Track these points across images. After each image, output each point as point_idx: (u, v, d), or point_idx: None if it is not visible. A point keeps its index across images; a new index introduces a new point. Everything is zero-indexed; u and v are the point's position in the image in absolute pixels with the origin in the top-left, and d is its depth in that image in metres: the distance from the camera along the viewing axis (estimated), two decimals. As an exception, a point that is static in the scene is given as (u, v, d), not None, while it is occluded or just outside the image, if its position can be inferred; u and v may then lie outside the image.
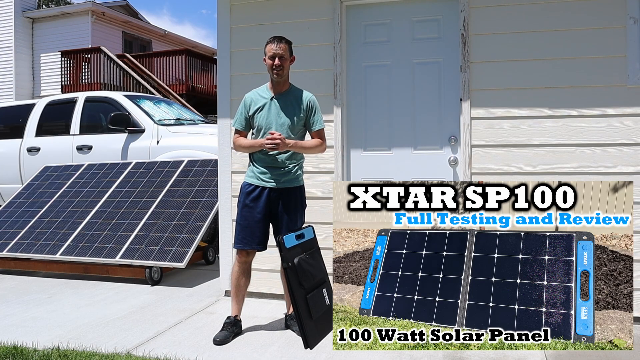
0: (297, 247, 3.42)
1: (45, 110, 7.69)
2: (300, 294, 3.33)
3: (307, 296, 3.35)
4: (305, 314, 3.33)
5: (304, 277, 3.34)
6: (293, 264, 3.32)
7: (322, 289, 3.50)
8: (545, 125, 3.74)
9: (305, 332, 3.28)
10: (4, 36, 16.99)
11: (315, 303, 3.39)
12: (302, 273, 3.33)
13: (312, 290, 3.41)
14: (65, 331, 3.64)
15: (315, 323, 3.38)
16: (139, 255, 4.94)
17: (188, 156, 6.37)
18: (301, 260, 3.36)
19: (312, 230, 3.57)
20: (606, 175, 3.65)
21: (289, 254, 3.34)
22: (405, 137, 4.09)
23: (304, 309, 3.32)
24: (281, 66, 3.34)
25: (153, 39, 19.75)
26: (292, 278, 3.32)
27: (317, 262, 3.48)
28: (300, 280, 3.32)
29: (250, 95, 3.49)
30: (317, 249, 3.54)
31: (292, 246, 3.39)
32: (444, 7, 3.98)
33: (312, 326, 3.34)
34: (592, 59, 3.67)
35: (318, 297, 3.44)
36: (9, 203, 6.41)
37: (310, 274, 3.39)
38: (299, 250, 3.42)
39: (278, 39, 3.37)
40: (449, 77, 3.98)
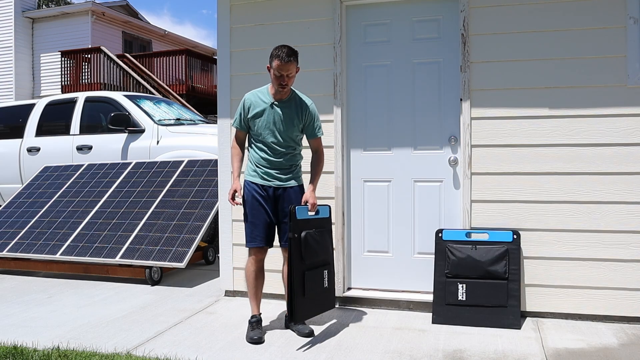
0: (308, 221, 3.40)
1: (45, 110, 7.69)
2: (298, 268, 3.30)
3: (305, 272, 3.33)
4: (299, 289, 3.30)
5: (308, 252, 3.33)
6: (299, 236, 3.30)
7: (324, 269, 3.49)
8: (545, 125, 3.74)
9: (294, 306, 3.25)
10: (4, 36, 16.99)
11: (312, 281, 3.38)
12: (306, 247, 3.31)
13: (312, 268, 3.39)
14: (65, 331, 3.64)
15: (307, 301, 3.36)
16: (139, 255, 4.95)
17: (188, 156, 6.37)
18: (308, 235, 3.34)
19: (328, 209, 3.58)
20: (606, 175, 3.65)
21: (297, 225, 3.31)
22: (405, 137, 4.09)
23: (299, 283, 3.30)
24: (287, 84, 3.36)
25: (153, 39, 19.75)
26: (295, 250, 3.29)
27: (324, 242, 3.49)
28: (302, 254, 3.31)
29: (250, 98, 3.48)
30: (328, 229, 3.55)
31: (304, 219, 3.37)
32: (444, 7, 3.98)
33: (302, 302, 3.32)
34: (592, 59, 3.67)
35: (317, 276, 3.43)
36: (9, 203, 6.41)
37: (314, 250, 3.37)
38: (309, 225, 3.41)
39: (286, 54, 3.27)
40: (449, 77, 3.98)
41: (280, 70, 3.31)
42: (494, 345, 3.25)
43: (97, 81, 15.15)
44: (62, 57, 15.91)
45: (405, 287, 4.10)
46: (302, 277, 3.33)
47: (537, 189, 3.76)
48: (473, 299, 3.67)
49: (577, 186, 3.70)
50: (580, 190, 3.69)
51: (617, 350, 3.16)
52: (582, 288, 3.69)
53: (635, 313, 3.62)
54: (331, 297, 3.60)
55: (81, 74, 15.58)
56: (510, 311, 3.59)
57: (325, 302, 3.55)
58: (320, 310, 3.51)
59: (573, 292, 3.70)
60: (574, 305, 3.70)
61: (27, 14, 17.16)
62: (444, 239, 3.85)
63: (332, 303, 3.61)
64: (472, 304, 3.66)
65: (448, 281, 3.75)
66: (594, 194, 3.67)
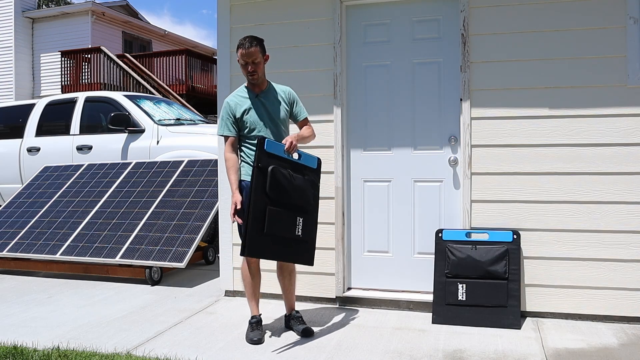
0: (282, 159, 3.23)
1: (45, 110, 7.69)
2: (260, 200, 3.09)
3: (268, 207, 3.13)
4: (257, 224, 3.09)
5: (274, 187, 3.15)
6: (265, 168, 3.10)
7: (298, 216, 3.27)
8: (545, 125, 3.74)
9: (248, 240, 3.06)
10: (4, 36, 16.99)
11: (276, 220, 3.16)
12: (273, 182, 3.14)
13: (280, 206, 3.19)
14: (65, 331, 3.64)
15: (266, 239, 3.15)
16: (139, 255, 4.95)
17: (188, 156, 6.37)
18: (277, 170, 3.17)
19: (316, 161, 3.42)
20: (606, 175, 3.65)
21: (264, 157, 3.13)
22: (405, 137, 4.09)
23: (258, 219, 3.09)
24: (255, 71, 3.35)
25: (153, 39, 19.75)
26: (258, 181, 3.09)
27: (302, 188, 3.29)
28: (267, 187, 3.12)
29: (233, 100, 3.45)
30: (311, 180, 3.35)
31: (276, 155, 3.19)
32: (444, 7, 3.98)
33: (258, 239, 3.11)
34: (592, 59, 3.67)
35: (285, 218, 3.21)
36: (9, 203, 6.41)
37: (284, 189, 3.19)
38: (283, 164, 3.24)
39: (248, 42, 3.32)
40: (449, 77, 3.98)
41: (243, 57, 3.33)
42: (494, 345, 3.25)
43: (97, 81, 15.15)
44: (62, 57, 15.91)
45: (405, 287, 4.10)
46: (262, 213, 3.08)
47: (537, 189, 3.76)
48: (473, 299, 3.67)
49: (577, 186, 3.70)
50: (580, 190, 3.69)
51: (617, 350, 3.16)
52: (582, 288, 3.69)
53: (635, 313, 3.62)
54: (307, 250, 3.34)
55: (81, 74, 15.58)
56: (510, 311, 3.59)
57: (297, 252, 3.29)
58: (287, 257, 3.26)
59: (573, 292, 3.70)
60: (574, 305, 3.70)
61: (27, 14, 17.16)
62: (444, 239, 3.85)
63: (308, 258, 3.35)
64: (472, 304, 3.66)
65: (448, 281, 3.75)
66: (594, 194, 3.67)
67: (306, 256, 3.36)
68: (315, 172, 3.44)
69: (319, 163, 3.47)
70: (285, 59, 4.23)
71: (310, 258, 3.39)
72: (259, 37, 3.41)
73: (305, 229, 3.33)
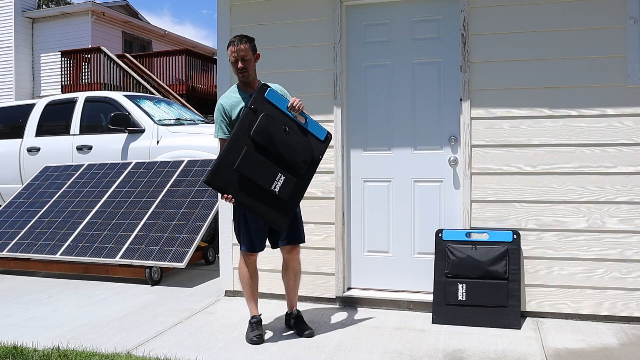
0: (282, 114, 3.17)
1: (45, 110, 7.69)
2: (241, 139, 3.06)
3: (246, 148, 3.09)
4: (230, 157, 3.05)
5: (260, 133, 3.11)
6: (257, 111, 3.06)
7: (280, 172, 3.15)
8: (545, 125, 3.74)
9: (215, 168, 3.02)
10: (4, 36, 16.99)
11: (251, 163, 3.09)
12: (260, 127, 3.10)
13: (262, 154, 3.12)
14: (65, 331, 3.64)
15: (234, 176, 3.09)
16: (139, 255, 4.95)
17: (188, 156, 6.37)
18: (270, 119, 3.12)
19: (326, 133, 3.26)
20: (606, 175, 3.65)
21: (261, 102, 3.09)
22: (405, 137, 4.09)
23: (232, 153, 3.04)
24: (245, 68, 3.32)
25: (153, 39, 19.75)
26: (245, 121, 3.06)
27: (295, 148, 3.18)
28: (252, 128, 3.09)
29: (226, 101, 3.40)
30: (311, 148, 3.24)
31: (275, 105, 3.14)
32: (444, 7, 3.98)
33: (224, 172, 3.05)
34: (592, 59, 3.67)
35: (262, 167, 3.12)
36: (9, 203, 6.41)
37: (271, 139, 3.13)
38: (282, 119, 3.17)
39: (238, 39, 3.32)
40: (449, 77, 3.98)
41: (233, 54, 3.31)
42: (494, 345, 3.25)
43: (97, 81, 15.15)
44: (62, 57, 15.90)
45: (405, 287, 4.10)
46: (239, 151, 3.04)
47: (537, 189, 3.76)
48: (473, 299, 3.67)
49: (577, 186, 3.70)
50: (580, 190, 3.69)
51: (617, 350, 3.16)
52: (582, 288, 3.69)
53: (635, 313, 3.62)
54: (283, 213, 3.18)
55: (81, 74, 15.57)
56: (510, 311, 3.59)
57: (270, 209, 3.16)
58: (256, 208, 3.14)
59: (573, 292, 3.70)
60: (574, 305, 3.70)
61: (27, 14, 17.16)
62: (444, 239, 3.85)
63: (281, 222, 3.19)
64: (472, 304, 3.66)
65: (448, 281, 3.75)
66: (594, 194, 3.67)
67: (280, 219, 3.18)
68: (320, 144, 3.27)
69: (328, 137, 3.29)
70: (285, 59, 4.23)
71: (283, 223, 3.20)
72: (249, 36, 3.39)
73: (285, 189, 3.16)
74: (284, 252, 3.48)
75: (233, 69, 3.37)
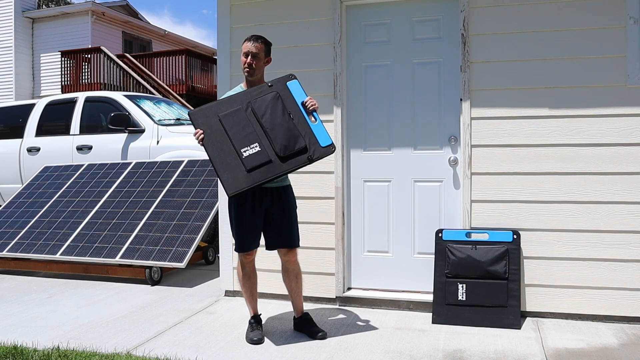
0: (294, 102, 3.19)
1: (45, 110, 7.69)
2: (243, 96, 3.15)
3: (240, 107, 3.15)
4: (223, 105, 3.14)
5: (262, 102, 3.16)
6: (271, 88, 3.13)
7: (258, 143, 3.09)
8: (545, 125, 3.74)
9: (205, 105, 3.13)
10: (4, 36, 16.99)
11: (236, 118, 3.12)
12: (264, 99, 3.16)
13: (252, 116, 3.12)
14: (65, 331, 3.64)
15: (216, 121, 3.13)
16: (139, 255, 4.95)
17: (188, 156, 6.37)
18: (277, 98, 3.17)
19: (330, 143, 3.18)
20: (606, 175, 3.65)
21: (281, 85, 3.16)
22: (405, 137, 4.09)
23: (227, 104, 3.12)
24: (251, 65, 3.33)
25: (153, 39, 19.75)
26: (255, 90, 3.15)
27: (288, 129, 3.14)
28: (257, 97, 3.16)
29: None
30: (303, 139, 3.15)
31: (291, 94, 3.18)
32: (444, 7, 3.98)
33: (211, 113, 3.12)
34: (592, 59, 3.67)
35: (244, 128, 3.11)
36: (9, 203, 6.41)
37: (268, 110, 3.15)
38: (290, 104, 3.19)
39: (255, 37, 3.37)
40: (449, 77, 3.98)
41: (245, 48, 3.34)
42: (494, 345, 3.25)
43: (97, 81, 15.15)
44: (62, 57, 15.90)
45: (405, 287, 4.10)
46: (235, 105, 3.11)
47: (537, 189, 3.76)
48: (473, 299, 3.67)
49: (577, 186, 3.70)
50: (580, 190, 3.69)
51: (617, 350, 3.16)
52: (582, 288, 3.69)
53: (635, 313, 3.62)
54: (236, 178, 3.07)
55: (81, 74, 15.58)
56: (510, 311, 3.59)
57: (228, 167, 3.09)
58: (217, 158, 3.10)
59: (573, 292, 3.70)
60: (574, 305, 3.70)
61: (27, 14, 17.16)
62: (444, 239, 3.85)
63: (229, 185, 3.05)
64: (472, 304, 3.66)
65: (448, 281, 3.75)
66: (594, 194, 3.67)
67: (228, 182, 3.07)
68: (320, 147, 3.17)
69: (330, 147, 3.18)
70: (285, 59, 4.23)
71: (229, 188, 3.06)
72: (268, 40, 3.43)
73: (253, 160, 3.08)
74: (281, 255, 3.47)
75: (241, 64, 3.39)
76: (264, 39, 3.40)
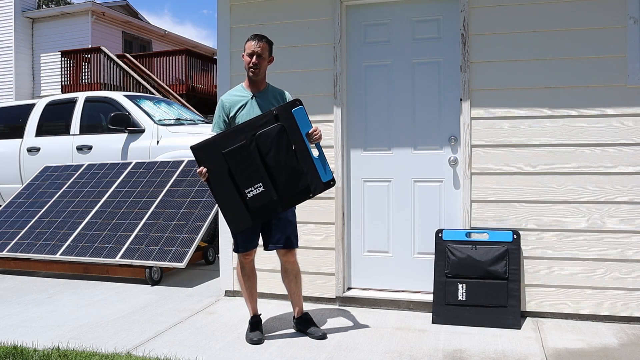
0: (298, 133, 3.14)
1: (45, 110, 7.69)
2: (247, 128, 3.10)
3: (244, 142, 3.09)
4: (228, 138, 3.10)
5: (267, 136, 3.11)
6: (277, 119, 3.12)
7: (262, 183, 3.10)
8: (545, 125, 3.74)
9: (208, 140, 3.10)
10: (4, 36, 16.99)
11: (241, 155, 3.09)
12: (269, 133, 3.11)
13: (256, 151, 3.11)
14: (65, 331, 3.64)
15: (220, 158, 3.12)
16: (139, 255, 4.94)
17: (188, 156, 6.37)
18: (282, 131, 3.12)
19: (331, 178, 3.21)
20: (606, 175, 3.65)
21: (286, 114, 3.12)
22: (405, 137, 4.09)
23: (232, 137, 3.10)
24: (258, 65, 3.34)
25: (153, 39, 19.74)
26: (260, 120, 3.11)
27: (291, 167, 3.14)
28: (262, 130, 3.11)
29: (228, 98, 3.45)
30: (306, 178, 3.17)
31: (296, 123, 3.13)
32: (444, 7, 3.98)
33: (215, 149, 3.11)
34: (592, 59, 3.67)
35: (249, 166, 3.10)
36: (9, 203, 6.41)
37: (272, 146, 3.12)
38: (294, 135, 3.14)
39: (259, 37, 3.37)
40: (449, 77, 3.98)
41: (250, 48, 3.33)
42: (494, 345, 3.25)
43: (97, 81, 15.14)
44: (62, 57, 15.90)
45: (405, 287, 4.10)
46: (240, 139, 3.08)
47: (537, 189, 3.76)
48: (473, 299, 3.67)
49: (577, 186, 3.70)
50: (580, 190, 3.69)
51: (617, 350, 3.16)
52: (582, 288, 3.69)
53: (635, 313, 3.62)
54: (241, 217, 3.14)
55: (81, 74, 15.57)
56: (510, 311, 3.59)
57: (232, 206, 3.14)
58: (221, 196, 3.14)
59: (573, 292, 3.70)
60: (574, 305, 3.70)
61: (27, 14, 17.15)
62: (444, 239, 3.85)
63: (236, 226, 3.15)
64: (472, 304, 3.66)
65: (448, 281, 3.75)
66: (594, 194, 3.67)
67: (234, 223, 3.16)
68: (320, 184, 3.20)
69: (330, 182, 3.22)
70: (285, 59, 4.23)
71: (236, 228, 3.17)
72: (270, 39, 3.45)
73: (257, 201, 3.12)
74: (280, 255, 3.47)
75: (245, 64, 3.38)
76: (267, 38, 3.41)
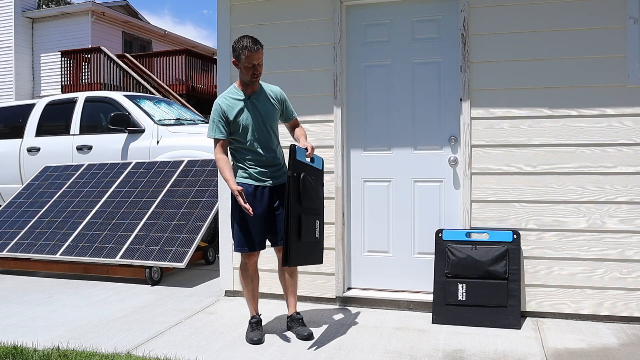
0: (305, 165, 3.32)
1: (45, 110, 7.69)
2: (295, 209, 3.21)
3: (301, 215, 3.25)
4: (295, 231, 3.21)
5: (305, 195, 3.27)
6: (299, 175, 3.23)
7: (316, 219, 3.40)
8: (545, 125, 3.74)
9: (290, 248, 3.16)
10: (4, 36, 16.99)
11: (307, 226, 3.28)
12: (303, 190, 3.26)
13: (308, 213, 3.31)
14: (65, 331, 3.64)
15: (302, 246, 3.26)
16: (139, 255, 4.95)
17: (188, 156, 6.37)
18: (306, 178, 3.27)
19: (321, 162, 3.54)
20: (606, 175, 3.65)
21: (297, 165, 3.23)
22: (405, 137, 4.09)
23: (295, 226, 3.20)
24: (260, 73, 3.35)
25: (153, 39, 19.75)
26: (293, 190, 3.19)
27: (317, 191, 3.42)
28: (300, 195, 3.23)
29: (224, 101, 3.38)
30: (321, 180, 3.50)
31: (301, 161, 3.28)
32: (444, 7, 3.98)
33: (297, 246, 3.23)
34: (592, 59, 3.67)
35: (310, 223, 3.34)
36: (9, 203, 6.41)
37: (310, 196, 3.31)
38: (306, 170, 3.34)
39: (256, 46, 3.28)
40: (449, 77, 3.98)
41: (251, 60, 3.28)
42: (494, 345, 3.25)
43: (97, 81, 15.15)
44: (62, 57, 15.91)
45: (405, 287, 4.11)
46: (298, 220, 3.21)
47: (537, 189, 3.76)
48: (473, 299, 3.67)
49: (577, 186, 3.70)
50: (580, 190, 3.69)
51: (617, 350, 3.17)
52: (582, 288, 3.69)
53: (635, 313, 3.62)
54: (321, 250, 3.49)
55: (81, 74, 15.58)
56: (510, 311, 3.59)
57: (316, 254, 3.44)
58: (311, 261, 3.39)
59: (573, 292, 3.70)
60: (574, 305, 3.70)
61: (27, 14, 17.16)
62: (444, 239, 3.85)
63: (321, 258, 3.50)
64: (472, 304, 3.66)
65: (448, 281, 3.75)
66: (594, 194, 3.67)
67: (320, 256, 3.51)
68: (321, 172, 3.52)
69: (323, 164, 3.56)
70: (285, 59, 4.23)
71: (321, 257, 3.53)
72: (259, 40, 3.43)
73: (322, 230, 3.49)
74: (277, 252, 3.49)
75: (246, 72, 3.31)
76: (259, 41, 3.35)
